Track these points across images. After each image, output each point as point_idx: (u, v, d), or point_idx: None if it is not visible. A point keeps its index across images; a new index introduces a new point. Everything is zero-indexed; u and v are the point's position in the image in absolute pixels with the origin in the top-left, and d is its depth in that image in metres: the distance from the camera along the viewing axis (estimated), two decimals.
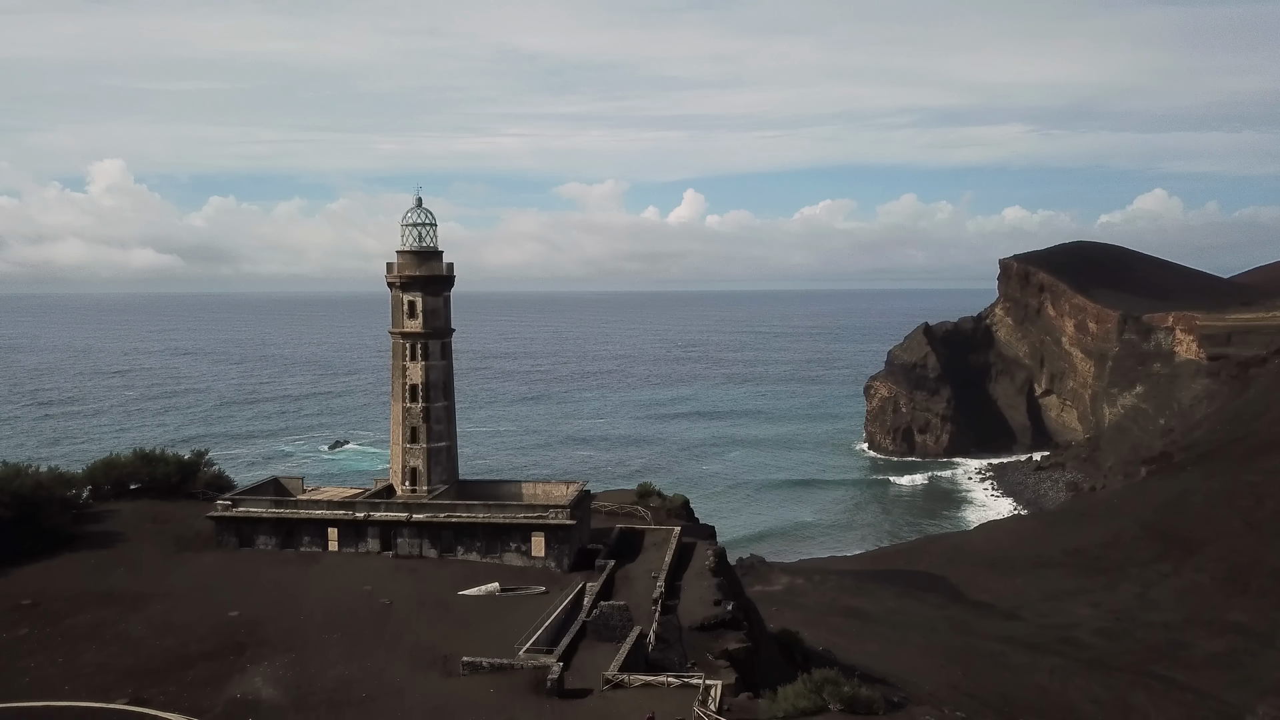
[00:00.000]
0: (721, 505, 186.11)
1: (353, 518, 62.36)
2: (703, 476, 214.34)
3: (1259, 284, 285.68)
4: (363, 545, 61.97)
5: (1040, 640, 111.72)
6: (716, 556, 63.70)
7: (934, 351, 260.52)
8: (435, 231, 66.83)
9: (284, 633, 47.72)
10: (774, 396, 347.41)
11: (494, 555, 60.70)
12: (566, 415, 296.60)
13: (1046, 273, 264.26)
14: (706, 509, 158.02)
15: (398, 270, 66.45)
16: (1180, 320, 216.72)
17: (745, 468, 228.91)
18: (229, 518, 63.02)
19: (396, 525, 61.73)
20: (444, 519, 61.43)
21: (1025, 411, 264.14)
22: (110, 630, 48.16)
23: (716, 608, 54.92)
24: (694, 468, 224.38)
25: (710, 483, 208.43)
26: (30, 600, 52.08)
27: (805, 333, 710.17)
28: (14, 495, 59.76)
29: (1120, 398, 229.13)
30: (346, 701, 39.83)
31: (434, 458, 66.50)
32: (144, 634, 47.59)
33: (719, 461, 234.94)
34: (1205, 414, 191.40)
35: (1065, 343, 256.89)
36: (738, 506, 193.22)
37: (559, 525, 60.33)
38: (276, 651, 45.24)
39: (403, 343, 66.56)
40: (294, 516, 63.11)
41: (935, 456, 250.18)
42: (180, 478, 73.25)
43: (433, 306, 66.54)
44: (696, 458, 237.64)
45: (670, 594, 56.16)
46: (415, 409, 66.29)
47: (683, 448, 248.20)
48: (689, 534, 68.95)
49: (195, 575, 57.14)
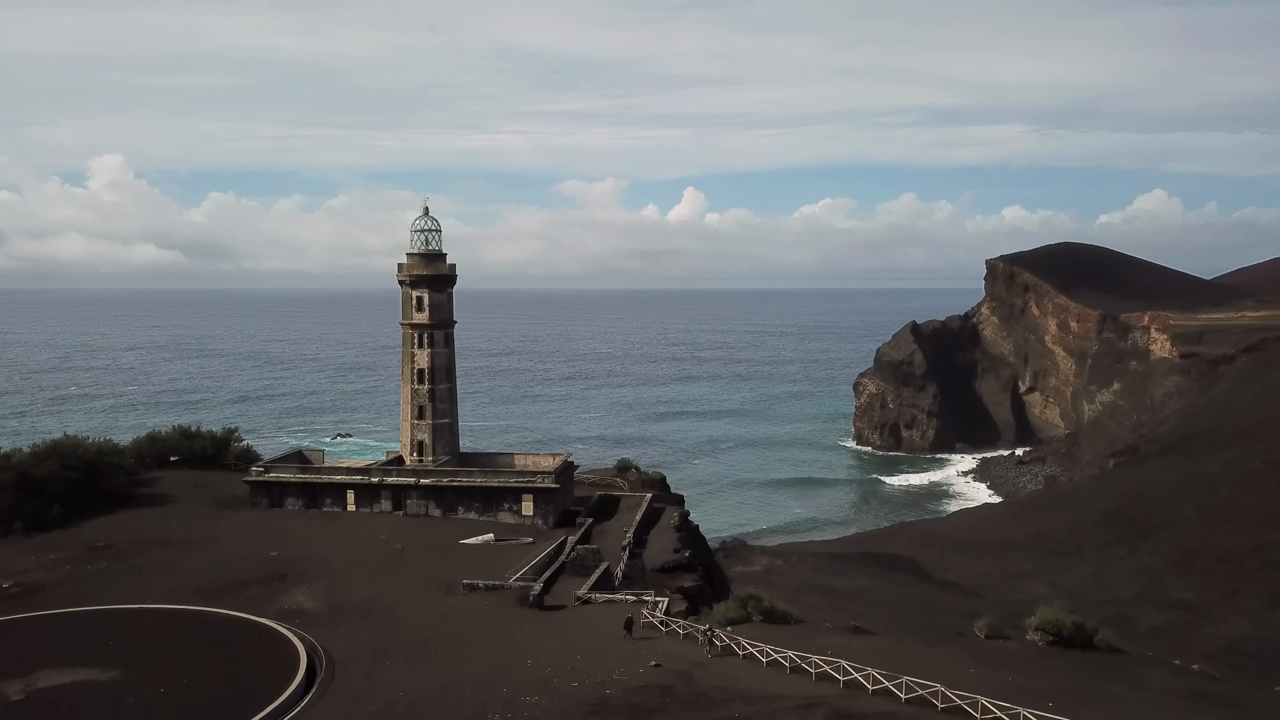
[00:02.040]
0: (710, 496, 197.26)
1: (368, 482, 73.81)
2: (692, 468, 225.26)
3: (1240, 285, 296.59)
4: (377, 506, 73.38)
5: (997, 615, 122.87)
6: (681, 517, 75.13)
7: (921, 349, 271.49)
8: (440, 236, 78.27)
9: (316, 567, 59.04)
10: (767, 393, 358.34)
11: (490, 514, 72.06)
12: (561, 412, 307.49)
13: (1031, 273, 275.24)
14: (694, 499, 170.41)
15: (407, 270, 77.86)
16: (1155, 320, 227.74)
17: (735, 461, 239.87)
18: (262, 482, 74.49)
19: (406, 488, 73.15)
20: (447, 483, 72.86)
21: (1010, 408, 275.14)
22: (174, 565, 59.52)
23: (676, 555, 66.26)
24: (684, 460, 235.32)
25: (700, 475, 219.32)
26: (103, 543, 63.51)
27: (802, 331, 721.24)
28: (80, 460, 71.22)
29: (1099, 394, 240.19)
30: (371, 611, 51.09)
31: (438, 432, 77.93)
32: (202, 567, 58.93)
33: (709, 455, 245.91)
34: (1173, 409, 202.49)
35: (1048, 341, 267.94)
36: (725, 498, 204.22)
37: (545, 488, 71.72)
38: (312, 579, 56.56)
39: (411, 333, 77.98)
40: (318, 481, 74.57)
41: (921, 452, 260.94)
42: (214, 451, 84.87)
43: (438, 301, 77.96)
44: (687, 451, 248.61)
45: (638, 544, 67.52)
46: (422, 390, 77.70)
47: (674, 442, 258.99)
48: (660, 501, 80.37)
49: (236, 527, 68.56)
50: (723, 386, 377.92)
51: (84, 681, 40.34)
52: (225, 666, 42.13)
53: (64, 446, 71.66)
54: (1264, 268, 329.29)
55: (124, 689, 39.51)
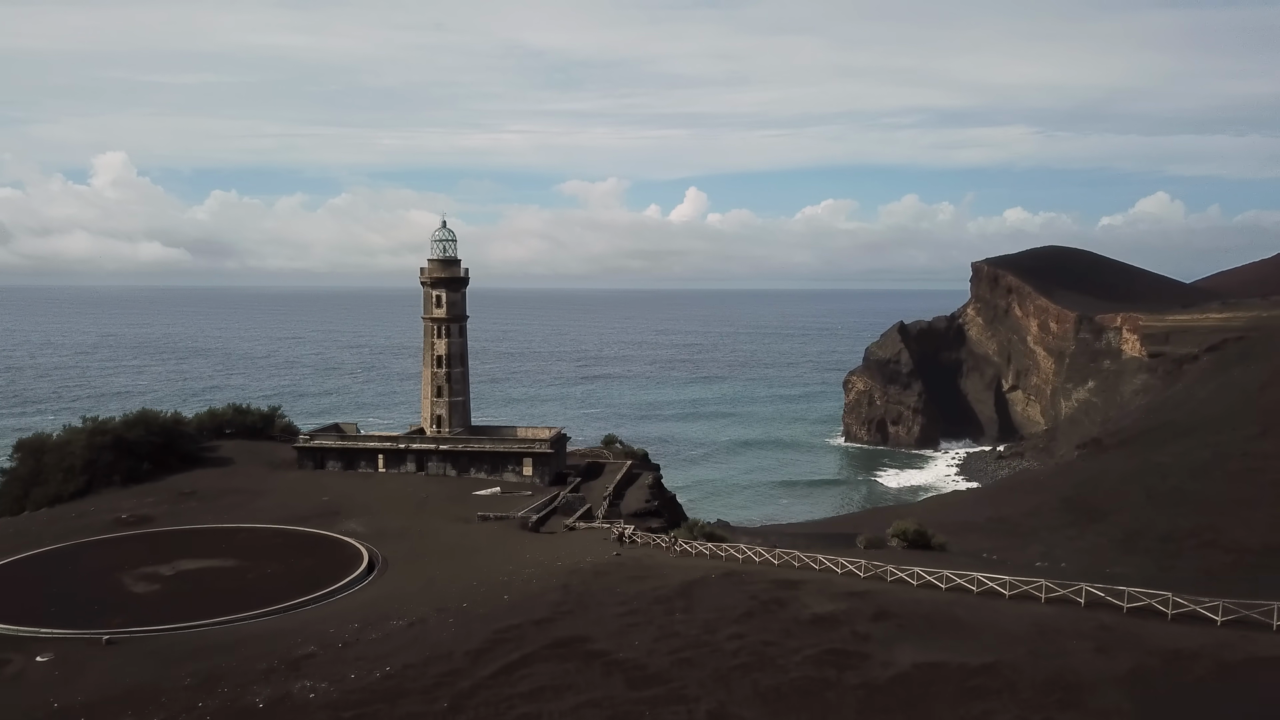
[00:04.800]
0: (698, 485, 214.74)
1: (396, 448, 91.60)
2: (683, 457, 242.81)
3: (1217, 289, 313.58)
4: (403, 467, 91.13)
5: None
6: (655, 480, 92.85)
7: (907, 349, 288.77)
8: (455, 245, 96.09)
9: (360, 508, 76.80)
10: (762, 392, 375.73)
11: (496, 474, 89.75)
12: (560, 408, 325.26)
13: (1014, 276, 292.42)
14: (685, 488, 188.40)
15: (428, 273, 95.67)
16: (1127, 321, 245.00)
17: (725, 453, 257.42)
18: (308, 447, 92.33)
19: (427, 453, 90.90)
20: (461, 449, 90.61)
21: (993, 405, 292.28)
22: (247, 506, 77.32)
23: (647, 504, 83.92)
24: (676, 450, 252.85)
25: (690, 462, 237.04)
26: (189, 490, 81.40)
27: (803, 332, 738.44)
28: (160, 427, 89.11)
29: (1075, 392, 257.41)
30: (407, 534, 68.75)
31: (454, 408, 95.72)
32: (270, 506, 76.72)
33: (700, 447, 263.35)
34: (1138, 405, 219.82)
35: (1030, 341, 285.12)
36: (712, 486, 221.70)
37: (542, 453, 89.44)
38: (359, 515, 74.31)
39: (432, 325, 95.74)
40: (354, 447, 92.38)
41: (906, 447, 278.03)
42: (263, 425, 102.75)
43: (453, 299, 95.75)
44: (680, 444, 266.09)
45: (617, 496, 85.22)
46: (440, 373, 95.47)
47: (672, 437, 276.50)
48: (639, 468, 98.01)
49: (290, 482, 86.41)
50: (719, 384, 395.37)
51: (213, 567, 58.14)
52: (309, 559, 59.96)
53: (148, 416, 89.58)
54: (1244, 271, 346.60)
55: (242, 570, 57.32)
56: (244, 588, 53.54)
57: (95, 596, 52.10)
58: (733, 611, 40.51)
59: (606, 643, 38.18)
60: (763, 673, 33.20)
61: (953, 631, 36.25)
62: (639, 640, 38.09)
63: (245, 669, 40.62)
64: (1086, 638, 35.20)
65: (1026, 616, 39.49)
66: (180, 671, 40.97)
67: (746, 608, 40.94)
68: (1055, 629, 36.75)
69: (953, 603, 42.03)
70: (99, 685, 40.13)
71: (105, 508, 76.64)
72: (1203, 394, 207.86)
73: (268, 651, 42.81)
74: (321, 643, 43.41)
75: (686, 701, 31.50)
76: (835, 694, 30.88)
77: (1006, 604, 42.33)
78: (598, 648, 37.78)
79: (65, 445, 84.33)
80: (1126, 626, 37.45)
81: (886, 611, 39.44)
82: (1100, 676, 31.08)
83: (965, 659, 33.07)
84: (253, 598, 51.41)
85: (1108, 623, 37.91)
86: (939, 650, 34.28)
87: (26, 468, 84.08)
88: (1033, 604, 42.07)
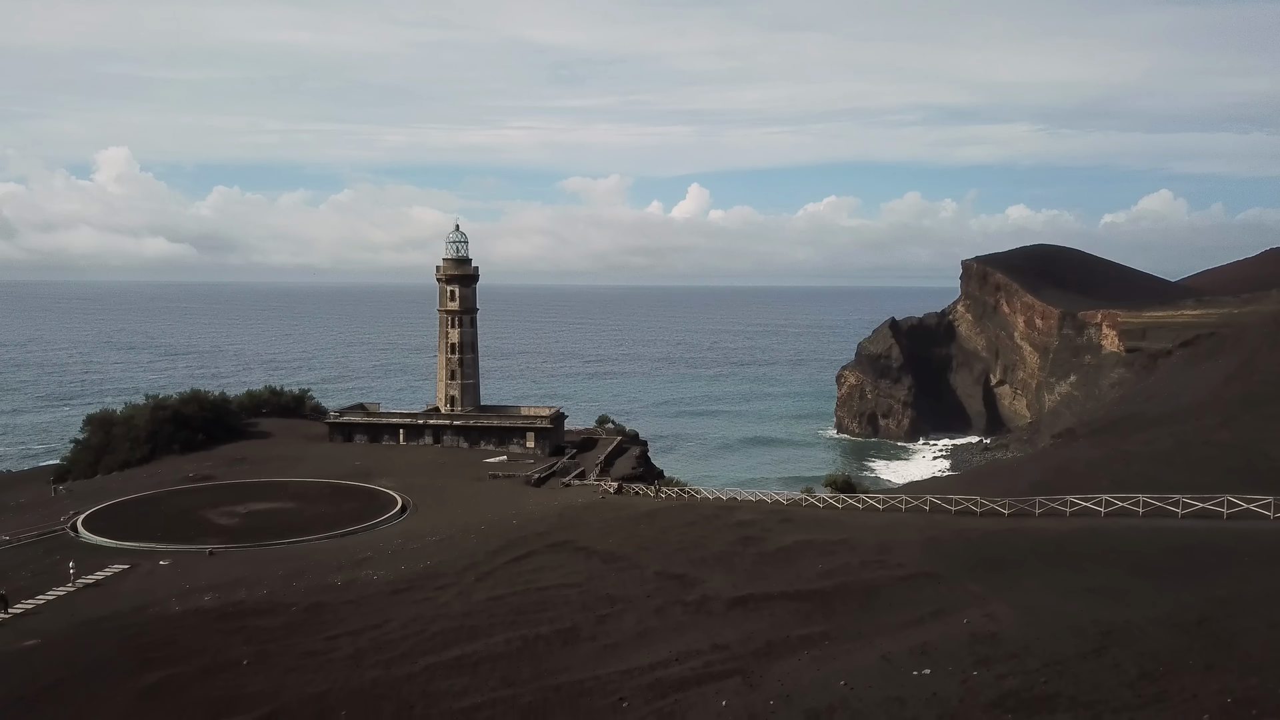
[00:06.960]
0: (690, 466, 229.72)
1: (415, 423, 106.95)
2: (677, 444, 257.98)
3: (1201, 286, 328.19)
4: (422, 440, 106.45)
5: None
6: (642, 452, 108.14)
7: (898, 344, 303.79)
8: (467, 246, 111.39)
9: (387, 471, 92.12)
10: (759, 388, 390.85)
11: (503, 446, 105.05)
12: (558, 404, 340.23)
13: (1003, 273, 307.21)
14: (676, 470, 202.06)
15: (443, 271, 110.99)
16: (1106, 317, 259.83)
17: (719, 442, 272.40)
18: (338, 423, 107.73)
19: (443, 428, 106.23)
20: (472, 424, 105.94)
21: (981, 399, 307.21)
22: (291, 469, 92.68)
23: (633, 471, 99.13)
24: (670, 439, 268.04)
25: (685, 457, 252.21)
26: (240, 456, 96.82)
27: (802, 329, 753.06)
28: (211, 405, 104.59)
29: (1058, 386, 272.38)
30: (430, 489, 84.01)
31: (465, 390, 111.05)
32: (311, 470, 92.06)
33: (698, 445, 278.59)
34: (1112, 398, 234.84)
35: (1017, 337, 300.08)
36: (704, 469, 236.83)
37: (543, 428, 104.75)
38: (387, 476, 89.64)
39: (446, 316, 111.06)
40: (377, 423, 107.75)
41: (896, 439, 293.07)
42: (295, 405, 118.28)
43: (465, 294, 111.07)
44: (673, 440, 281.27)
45: (608, 465, 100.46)
46: (454, 359, 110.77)
47: (667, 433, 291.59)
48: (628, 444, 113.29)
49: (324, 452, 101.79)
50: (718, 379, 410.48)
51: (275, 508, 73.54)
52: (353, 502, 75.39)
53: (199, 395, 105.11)
54: (1226, 269, 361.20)
55: (299, 510, 72.73)
56: (306, 522, 68.90)
57: (188, 527, 67.45)
58: (681, 522, 55.80)
59: (589, 541, 53.44)
60: (694, 551, 48.42)
61: (831, 529, 51.37)
62: (612, 539, 53.35)
63: (322, 565, 55.98)
64: (921, 528, 50.32)
65: (885, 517, 55.03)
66: (272, 569, 56.30)
67: (692, 519, 56.25)
68: (901, 524, 52.03)
69: (840, 515, 57.42)
70: (212, 577, 55.43)
71: (171, 470, 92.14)
72: (1173, 387, 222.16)
73: (336, 556, 58.18)
74: (376, 550, 58.83)
75: (640, 568, 46.66)
76: (739, 559, 46.03)
77: (878, 513, 57.76)
78: (582, 545, 53.01)
79: (131, 419, 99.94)
80: (948, 521, 52.90)
81: (790, 519, 54.78)
82: (910, 540, 46.13)
83: (829, 537, 48.31)
84: (314, 527, 66.78)
85: (938, 520, 53.43)
86: (815, 534, 49.52)
87: (98, 438, 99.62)
88: (894, 513, 57.51)
